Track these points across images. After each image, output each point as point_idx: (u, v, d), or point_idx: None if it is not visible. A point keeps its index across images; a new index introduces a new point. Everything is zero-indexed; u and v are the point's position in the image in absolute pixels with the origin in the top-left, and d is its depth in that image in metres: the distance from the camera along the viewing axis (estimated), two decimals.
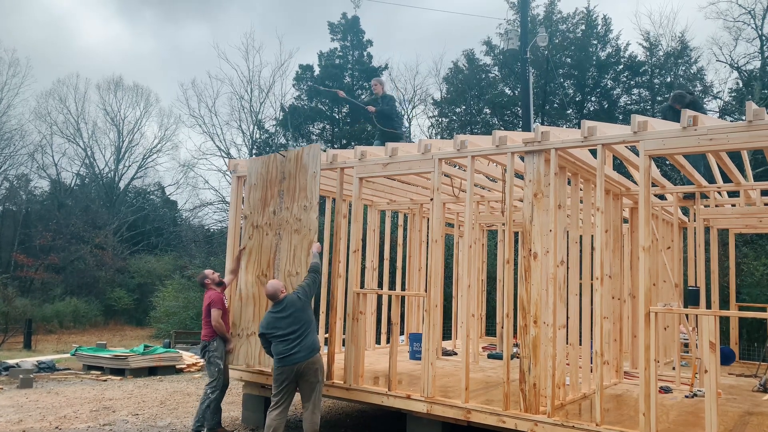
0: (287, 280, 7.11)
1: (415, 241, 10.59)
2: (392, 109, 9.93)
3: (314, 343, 6.15)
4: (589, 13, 28.11)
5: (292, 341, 6.03)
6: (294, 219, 7.33)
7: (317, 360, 6.15)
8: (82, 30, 59.40)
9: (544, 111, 27.53)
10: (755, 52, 24.74)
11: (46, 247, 31.10)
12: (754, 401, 6.75)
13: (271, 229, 7.53)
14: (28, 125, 38.08)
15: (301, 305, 6.20)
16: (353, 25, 32.36)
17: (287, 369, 6.01)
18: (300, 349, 6.01)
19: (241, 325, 7.44)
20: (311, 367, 6.06)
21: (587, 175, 6.64)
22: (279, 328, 6.08)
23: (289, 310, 6.14)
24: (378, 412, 8.20)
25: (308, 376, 6.07)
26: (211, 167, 40.46)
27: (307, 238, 7.13)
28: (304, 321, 6.15)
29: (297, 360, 6.00)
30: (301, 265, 7.09)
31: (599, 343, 5.55)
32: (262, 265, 7.49)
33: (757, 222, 9.90)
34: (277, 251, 7.40)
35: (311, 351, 6.07)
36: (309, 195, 7.25)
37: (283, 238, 7.39)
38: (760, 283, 15.12)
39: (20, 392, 10.76)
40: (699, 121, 5.12)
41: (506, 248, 6.08)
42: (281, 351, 6.05)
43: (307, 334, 6.10)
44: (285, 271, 7.23)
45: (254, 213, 7.75)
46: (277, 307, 6.21)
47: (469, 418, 5.87)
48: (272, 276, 7.30)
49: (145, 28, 59.64)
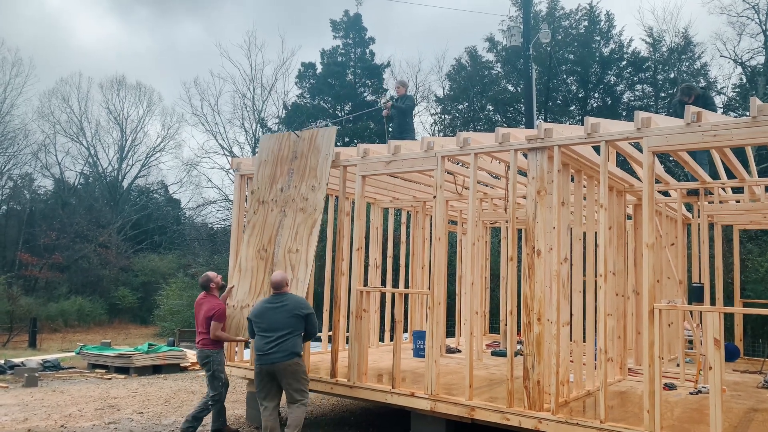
0: (286, 257, 7.04)
1: (418, 238, 10.58)
2: (408, 108, 10.07)
3: (294, 347, 5.96)
4: (592, 9, 28.04)
5: (273, 340, 5.90)
6: (301, 198, 7.30)
7: (295, 364, 5.95)
8: (77, 28, 59.29)
9: (547, 107, 27.47)
10: (759, 47, 24.65)
11: (50, 246, 31.18)
12: (758, 398, 6.74)
13: (277, 206, 7.50)
14: (31, 125, 38.14)
15: (298, 313, 6.05)
16: (355, 23, 32.34)
17: (264, 368, 5.93)
18: (277, 350, 5.88)
19: (237, 297, 7.34)
20: (288, 370, 5.90)
21: (590, 172, 6.62)
22: (265, 320, 5.98)
23: (284, 308, 6.02)
24: (382, 410, 8.21)
25: (287, 379, 5.93)
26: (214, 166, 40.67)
27: (311, 218, 7.07)
28: (292, 326, 5.99)
29: (273, 360, 5.87)
30: (302, 243, 6.98)
31: (603, 340, 5.54)
32: (263, 240, 7.42)
33: (761, 218, 9.86)
34: (280, 227, 7.34)
35: (289, 354, 5.89)
36: (318, 176, 7.23)
37: (288, 216, 7.34)
38: (764, 279, 15.06)
39: (25, 391, 10.79)
40: (703, 117, 5.10)
41: (509, 245, 6.07)
42: (260, 347, 5.97)
43: (289, 338, 5.93)
44: (286, 247, 7.15)
45: (261, 188, 7.73)
46: (275, 299, 6.12)
47: (473, 415, 5.87)
48: (273, 251, 7.22)
49: (139, 25, 59.55)
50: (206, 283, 7.17)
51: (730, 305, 11.21)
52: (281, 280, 6.18)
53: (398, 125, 9.97)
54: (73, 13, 59.18)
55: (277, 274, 6.26)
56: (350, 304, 7.18)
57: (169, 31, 60.04)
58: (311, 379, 7.19)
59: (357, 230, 7.30)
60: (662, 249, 8.54)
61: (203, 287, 7.19)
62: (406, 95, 10.23)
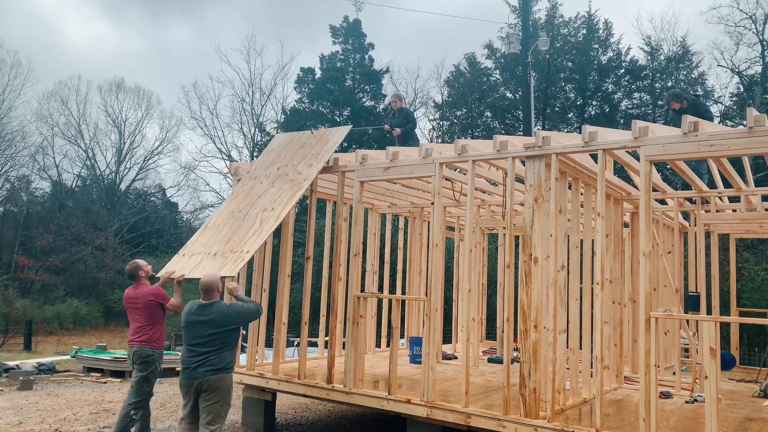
0: (259, 215, 6.77)
1: (416, 244, 10.59)
2: (412, 125, 10.21)
3: (222, 362, 5.41)
4: (591, 18, 28.16)
5: (197, 354, 5.40)
6: (294, 172, 7.26)
7: (220, 379, 5.40)
8: (67, 29, 58.86)
9: (545, 114, 27.55)
10: (756, 57, 24.77)
11: (46, 249, 31.08)
12: (754, 407, 6.74)
13: (268, 180, 7.43)
14: (29, 127, 38.09)
15: (228, 328, 5.48)
16: (355, 29, 32.42)
17: (186, 382, 5.44)
18: (201, 365, 5.36)
19: (190, 248, 6.92)
20: (212, 385, 5.36)
21: (588, 180, 6.64)
22: (190, 332, 5.48)
23: (210, 323, 5.42)
24: (378, 416, 8.20)
25: (206, 394, 5.37)
26: (212, 169, 40.58)
27: (298, 186, 6.87)
28: (220, 342, 5.43)
29: (195, 375, 5.36)
30: (281, 204, 6.70)
31: (599, 347, 5.55)
32: (242, 204, 7.24)
33: (757, 227, 9.89)
34: (263, 195, 7.15)
35: (215, 369, 5.36)
36: (319, 157, 7.26)
37: (275, 185, 7.22)
38: (760, 288, 15.11)
39: (20, 394, 10.75)
40: (700, 126, 5.13)
41: (507, 252, 6.08)
42: (183, 360, 5.51)
43: (217, 353, 5.40)
44: (261, 206, 6.89)
45: (258, 169, 7.77)
46: (202, 310, 5.48)
47: (469, 422, 5.86)
48: (247, 210, 6.89)
49: (133, 28, 59.26)
50: (134, 271, 6.57)
51: (727, 314, 11.23)
52: (210, 284, 5.55)
53: (402, 139, 10.08)
54: (63, 14, 58.80)
55: (207, 278, 5.61)
56: (347, 309, 7.17)
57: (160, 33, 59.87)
58: (307, 384, 7.18)
59: (354, 236, 7.30)
60: (659, 257, 8.56)
61: (131, 277, 6.60)
62: (402, 108, 10.30)
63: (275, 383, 7.46)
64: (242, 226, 6.81)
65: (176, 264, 6.69)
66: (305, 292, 7.68)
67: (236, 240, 6.61)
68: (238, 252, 6.36)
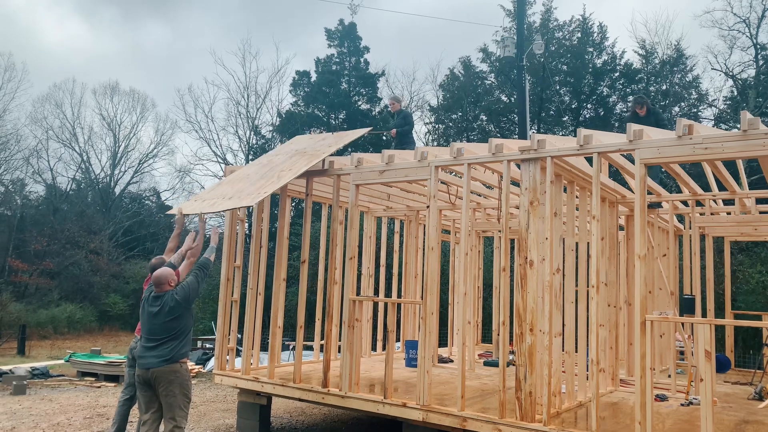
0: (278, 173, 7.11)
1: (412, 247, 10.58)
2: (410, 126, 10.31)
3: (172, 352, 5.40)
4: (585, 21, 28.28)
5: (150, 347, 5.42)
6: (312, 149, 7.70)
7: (172, 371, 5.37)
8: (43, 30, 58.07)
9: (540, 118, 27.63)
10: (750, 60, 24.93)
11: (40, 252, 30.95)
12: (749, 409, 6.75)
13: (286, 155, 7.84)
14: (23, 130, 37.96)
15: (177, 313, 5.46)
16: (350, 32, 32.44)
17: (139, 372, 5.45)
18: (153, 355, 5.38)
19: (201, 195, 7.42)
20: (163, 378, 5.34)
21: (583, 183, 6.65)
22: (145, 324, 5.53)
23: (161, 312, 5.46)
24: (374, 420, 8.18)
25: (161, 388, 5.37)
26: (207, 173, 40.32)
27: (314, 156, 7.29)
28: (173, 330, 5.45)
29: (146, 365, 5.37)
30: (297, 165, 7.10)
31: (595, 350, 5.55)
32: (257, 170, 7.61)
33: (752, 230, 9.92)
34: (280, 164, 7.55)
35: (166, 360, 5.35)
36: (338, 141, 7.81)
37: (292, 159, 7.64)
38: (755, 291, 15.15)
39: (13, 399, 10.68)
40: (694, 130, 5.15)
41: (502, 255, 6.08)
42: (138, 349, 5.62)
43: (168, 342, 5.41)
44: (279, 169, 7.30)
45: (276, 150, 8.28)
46: (155, 301, 5.52)
47: (465, 426, 5.85)
48: (263, 172, 7.31)
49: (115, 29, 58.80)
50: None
51: (722, 316, 11.26)
52: (162, 277, 5.54)
53: (399, 140, 10.11)
54: (40, 14, 58.01)
55: (159, 272, 5.60)
56: (343, 313, 7.16)
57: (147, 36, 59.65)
58: (302, 388, 7.16)
59: (350, 239, 7.29)
60: (654, 260, 8.57)
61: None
62: (401, 110, 10.37)
63: (270, 387, 7.43)
64: (258, 181, 7.14)
65: (187, 207, 7.03)
66: (301, 296, 7.66)
67: (251, 189, 6.95)
68: (255, 193, 6.74)
